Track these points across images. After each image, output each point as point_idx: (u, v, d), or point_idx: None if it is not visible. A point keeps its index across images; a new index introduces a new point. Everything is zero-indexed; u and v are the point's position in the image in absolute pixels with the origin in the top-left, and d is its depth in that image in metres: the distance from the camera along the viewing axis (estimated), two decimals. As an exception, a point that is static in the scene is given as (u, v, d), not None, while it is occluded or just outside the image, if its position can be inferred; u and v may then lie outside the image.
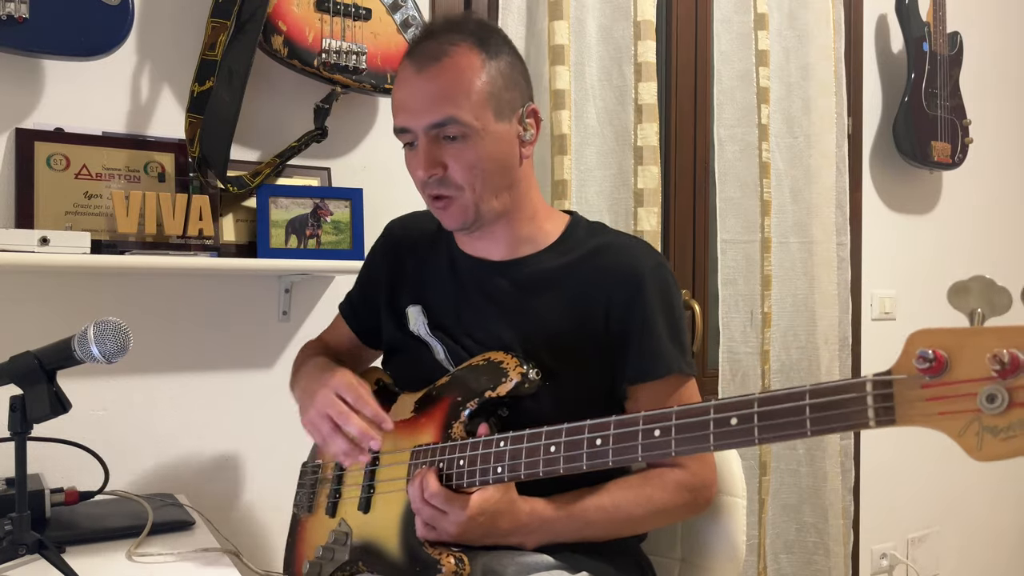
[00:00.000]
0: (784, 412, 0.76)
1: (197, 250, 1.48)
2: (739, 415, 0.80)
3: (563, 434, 0.97)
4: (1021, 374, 0.62)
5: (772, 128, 2.17)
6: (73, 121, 1.46)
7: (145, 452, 1.54)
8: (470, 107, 1.07)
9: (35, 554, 1.05)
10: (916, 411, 0.67)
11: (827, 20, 2.23)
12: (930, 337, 0.66)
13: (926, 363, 0.66)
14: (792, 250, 2.23)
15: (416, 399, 1.18)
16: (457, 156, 1.08)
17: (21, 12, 1.30)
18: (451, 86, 1.07)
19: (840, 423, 0.72)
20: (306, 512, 1.26)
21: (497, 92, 1.09)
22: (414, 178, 1.13)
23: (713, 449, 0.83)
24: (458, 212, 1.12)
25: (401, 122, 1.10)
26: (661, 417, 0.87)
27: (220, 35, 1.46)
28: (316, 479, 1.28)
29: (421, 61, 1.08)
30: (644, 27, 1.95)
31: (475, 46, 1.09)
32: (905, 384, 0.68)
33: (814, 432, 0.74)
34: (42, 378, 1.05)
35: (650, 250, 1.18)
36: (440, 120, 1.07)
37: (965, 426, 0.64)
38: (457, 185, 1.10)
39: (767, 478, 2.16)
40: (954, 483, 2.77)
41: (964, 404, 0.64)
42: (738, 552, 1.23)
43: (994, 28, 2.84)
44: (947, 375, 0.65)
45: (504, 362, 1.09)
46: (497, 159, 1.10)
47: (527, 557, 1.08)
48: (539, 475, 0.98)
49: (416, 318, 1.21)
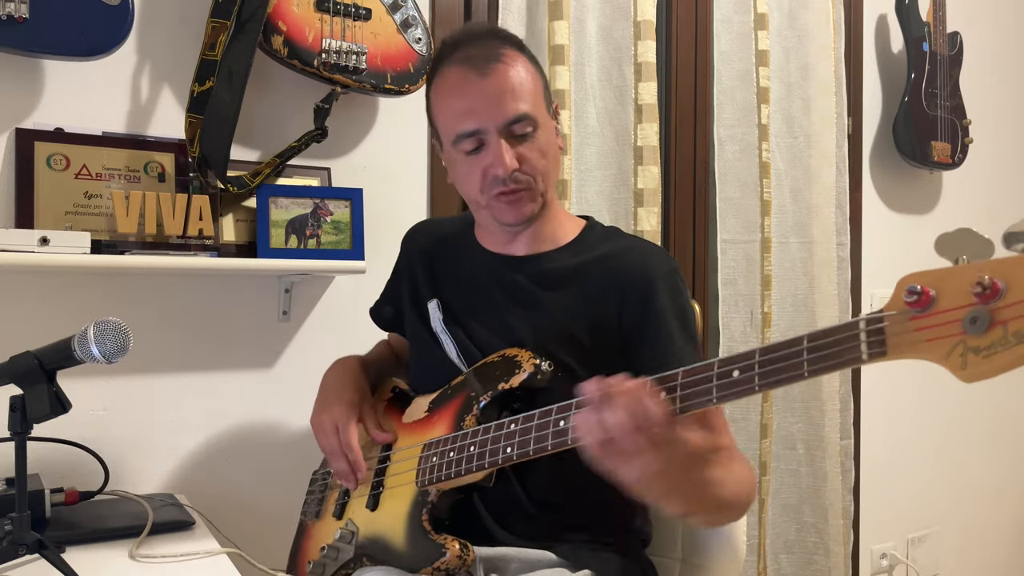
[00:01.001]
0: (783, 358, 0.79)
1: (197, 250, 1.48)
2: (741, 367, 0.82)
3: (573, 407, 0.97)
4: (1001, 297, 0.66)
5: (772, 128, 2.18)
6: (73, 121, 1.46)
7: (145, 452, 1.54)
8: (534, 102, 1.14)
9: (35, 554, 1.05)
10: (905, 342, 0.72)
11: (827, 20, 2.23)
12: (917, 277, 0.72)
13: (914, 296, 0.70)
14: (792, 250, 2.23)
15: (431, 400, 1.20)
16: (530, 149, 1.13)
17: (21, 12, 1.30)
18: (517, 84, 1.12)
19: (835, 360, 0.75)
20: (313, 519, 1.28)
21: (543, 89, 1.18)
22: (476, 180, 1.14)
23: (716, 401, 0.84)
24: (530, 203, 1.16)
25: (472, 125, 1.12)
26: (667, 379, 0.88)
27: (220, 35, 1.46)
28: (326, 485, 1.30)
29: (479, 65, 1.12)
30: (644, 27, 1.95)
31: (517, 48, 1.17)
32: (895, 319, 0.73)
33: (811, 372, 0.77)
34: (42, 378, 1.05)
35: (664, 254, 1.23)
36: (516, 116, 1.12)
37: (950, 350, 0.69)
38: (532, 177, 1.14)
39: (767, 478, 2.16)
40: (954, 483, 2.77)
41: (949, 330, 0.69)
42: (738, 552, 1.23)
43: (994, 28, 2.84)
44: (934, 308, 0.70)
45: (518, 356, 1.11)
46: (554, 152, 1.18)
47: (530, 554, 1.09)
48: (547, 449, 0.99)
49: (433, 313, 1.24)
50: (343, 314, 1.70)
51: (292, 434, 1.65)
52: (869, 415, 2.49)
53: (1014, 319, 0.66)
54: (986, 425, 2.84)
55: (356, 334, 1.57)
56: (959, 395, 2.74)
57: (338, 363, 1.35)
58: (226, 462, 1.61)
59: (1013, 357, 0.66)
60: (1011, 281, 0.66)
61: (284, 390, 1.65)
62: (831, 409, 2.24)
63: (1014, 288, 0.66)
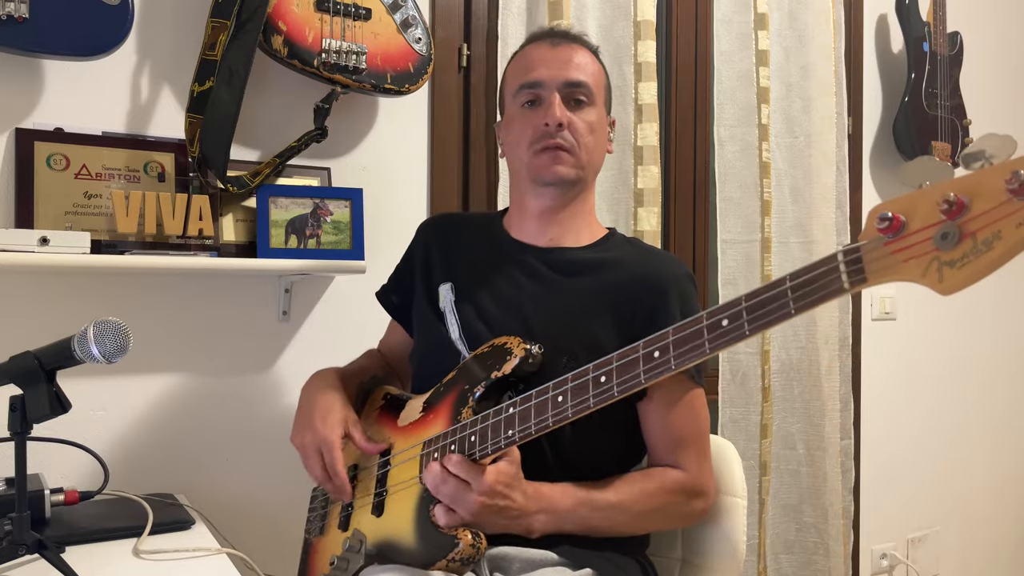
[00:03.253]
0: (768, 300, 0.84)
1: (197, 250, 1.48)
2: (729, 315, 0.87)
3: (568, 381, 1.00)
4: (966, 212, 0.71)
5: (772, 128, 2.18)
6: (73, 121, 1.46)
7: (145, 452, 1.54)
8: (595, 84, 1.25)
9: (35, 554, 1.04)
10: (883, 266, 0.76)
11: (827, 20, 2.23)
12: (887, 205, 0.76)
13: (885, 223, 0.74)
14: (792, 250, 2.23)
15: (424, 400, 1.20)
16: (581, 117, 1.22)
17: (21, 12, 1.30)
18: (585, 62, 1.25)
19: (819, 294, 0.80)
20: (318, 535, 1.27)
21: (606, 86, 1.30)
22: (527, 132, 1.22)
23: (709, 352, 0.88)
24: (570, 165, 1.22)
25: (537, 76, 1.22)
26: (658, 339, 0.93)
27: (220, 35, 1.46)
28: (327, 500, 1.29)
29: (555, 40, 1.26)
30: (644, 27, 1.95)
31: (591, 51, 1.29)
32: (870, 247, 0.77)
33: (797, 309, 0.82)
34: (42, 378, 1.05)
35: (680, 263, 1.28)
36: (576, 80, 1.22)
37: (926, 266, 0.73)
38: (577, 140, 1.21)
39: (767, 478, 2.16)
40: (954, 483, 2.77)
41: (923, 248, 0.73)
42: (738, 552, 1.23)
43: (994, 28, 2.84)
44: (905, 231, 0.74)
45: (507, 343, 1.12)
46: (600, 137, 1.26)
47: (532, 553, 1.09)
48: (549, 426, 1.00)
49: (445, 295, 1.26)
50: (343, 314, 1.70)
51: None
52: (869, 415, 2.49)
53: (981, 229, 0.70)
54: (986, 425, 2.84)
55: (356, 334, 1.57)
56: (960, 395, 2.74)
57: (316, 377, 1.33)
58: (226, 462, 1.61)
59: (985, 263, 0.69)
60: (974, 195, 0.70)
61: (284, 390, 1.65)
62: (831, 409, 2.24)
63: (978, 200, 0.70)
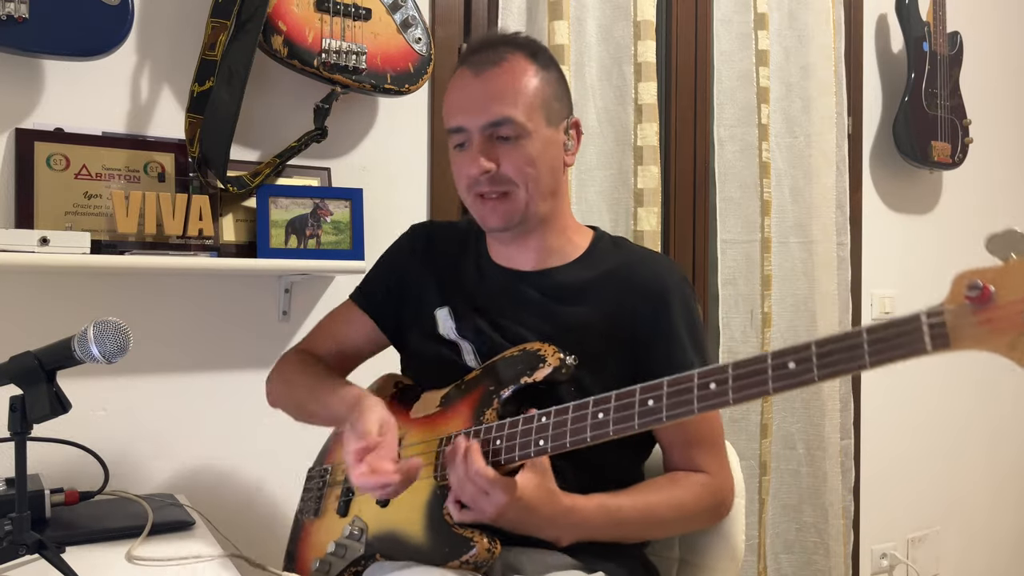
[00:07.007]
0: (842, 349, 0.82)
1: (197, 250, 1.48)
2: (796, 358, 0.85)
3: (612, 399, 0.98)
4: None
5: (772, 128, 2.18)
6: (73, 121, 1.46)
7: (145, 452, 1.54)
8: (524, 109, 1.13)
9: (35, 554, 1.04)
10: (969, 334, 0.76)
11: (827, 20, 2.23)
12: (976, 273, 0.76)
13: (975, 291, 0.75)
14: (792, 250, 2.23)
15: (442, 395, 1.18)
16: (510, 155, 1.13)
17: (21, 12, 1.30)
18: (507, 88, 1.13)
19: (899, 351, 0.79)
20: (311, 516, 1.26)
21: (547, 99, 1.16)
22: (462, 178, 1.17)
23: (772, 392, 0.87)
24: (508, 209, 1.15)
25: (457, 122, 1.15)
26: (715, 371, 0.91)
27: (220, 35, 1.46)
28: (324, 482, 1.28)
29: (478, 66, 1.15)
30: (644, 27, 1.95)
31: (528, 56, 1.17)
32: (956, 313, 0.77)
33: (873, 363, 0.80)
34: (42, 378, 1.04)
35: (674, 264, 1.25)
36: (496, 119, 1.12)
37: (1014, 340, 0.74)
38: (511, 181, 1.14)
39: (767, 478, 2.16)
40: (954, 483, 2.77)
41: (1012, 322, 0.74)
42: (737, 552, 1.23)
43: (994, 28, 2.84)
44: (994, 302, 0.75)
45: (541, 350, 1.10)
46: (546, 162, 1.16)
47: (546, 555, 1.08)
48: (587, 441, 0.98)
49: (444, 321, 1.23)
50: (343, 314, 1.70)
51: (292, 434, 1.65)
52: (869, 415, 2.49)
53: None
54: (986, 425, 2.84)
55: (356, 334, 1.57)
56: (959, 395, 2.74)
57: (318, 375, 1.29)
58: (226, 462, 1.61)
59: None
60: None
61: (284, 390, 1.65)
62: (831, 409, 2.24)
63: None
